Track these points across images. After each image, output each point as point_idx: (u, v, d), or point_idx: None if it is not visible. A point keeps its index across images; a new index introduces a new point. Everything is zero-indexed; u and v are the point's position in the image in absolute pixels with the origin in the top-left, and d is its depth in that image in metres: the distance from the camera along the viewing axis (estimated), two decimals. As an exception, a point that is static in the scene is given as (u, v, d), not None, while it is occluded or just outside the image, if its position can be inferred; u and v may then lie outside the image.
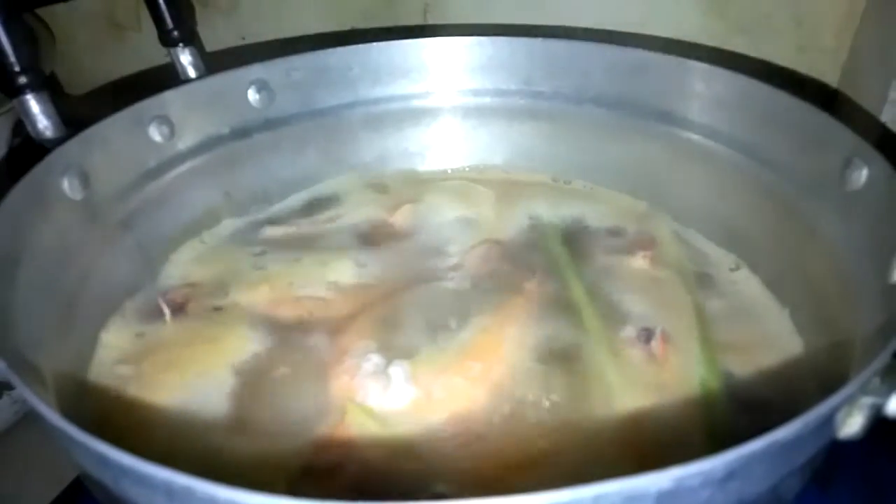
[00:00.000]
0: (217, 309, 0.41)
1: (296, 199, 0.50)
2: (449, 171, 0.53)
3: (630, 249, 0.44)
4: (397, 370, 0.35)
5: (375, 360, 0.35)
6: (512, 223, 0.47)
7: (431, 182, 0.51)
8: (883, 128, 0.46)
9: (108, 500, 0.25)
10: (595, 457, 0.32)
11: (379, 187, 0.51)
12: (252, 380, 0.36)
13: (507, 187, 0.50)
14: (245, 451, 0.32)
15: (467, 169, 0.53)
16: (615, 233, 0.46)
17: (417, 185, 0.51)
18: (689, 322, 0.38)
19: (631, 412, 0.33)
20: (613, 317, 0.39)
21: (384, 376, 0.35)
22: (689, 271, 0.43)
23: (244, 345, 0.38)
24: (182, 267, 0.44)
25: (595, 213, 0.47)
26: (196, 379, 0.36)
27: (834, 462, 0.28)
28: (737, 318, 0.40)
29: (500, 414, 0.33)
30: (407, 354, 0.36)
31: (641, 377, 0.35)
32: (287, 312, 0.40)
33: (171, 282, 0.43)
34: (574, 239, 0.45)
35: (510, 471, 0.31)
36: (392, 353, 0.36)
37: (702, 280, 0.42)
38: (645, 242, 0.44)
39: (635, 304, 0.39)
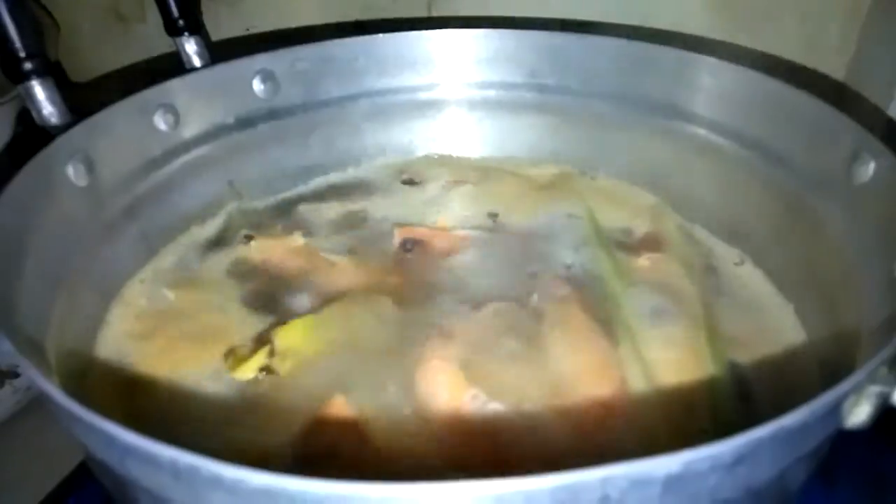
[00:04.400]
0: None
1: (297, 191, 0.50)
2: (454, 161, 0.53)
3: (637, 249, 0.44)
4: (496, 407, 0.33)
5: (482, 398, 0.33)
6: (530, 217, 0.46)
7: (438, 176, 0.51)
8: (889, 121, 0.46)
9: (113, 482, 0.25)
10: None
11: (382, 181, 0.51)
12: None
13: (516, 180, 0.50)
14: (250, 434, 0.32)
15: (473, 161, 0.53)
16: (624, 230, 0.46)
17: (422, 177, 0.51)
18: (696, 315, 0.38)
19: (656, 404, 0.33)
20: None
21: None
22: (696, 266, 0.42)
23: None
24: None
25: (606, 209, 0.47)
26: (201, 359, 0.36)
27: (839, 457, 0.28)
28: (741, 312, 0.40)
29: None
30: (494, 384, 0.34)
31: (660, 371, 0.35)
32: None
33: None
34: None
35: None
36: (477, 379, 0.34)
37: (707, 274, 0.42)
38: (650, 243, 0.44)
39: (645, 300, 0.39)
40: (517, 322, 0.38)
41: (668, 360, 0.36)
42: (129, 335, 0.38)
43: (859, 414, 0.24)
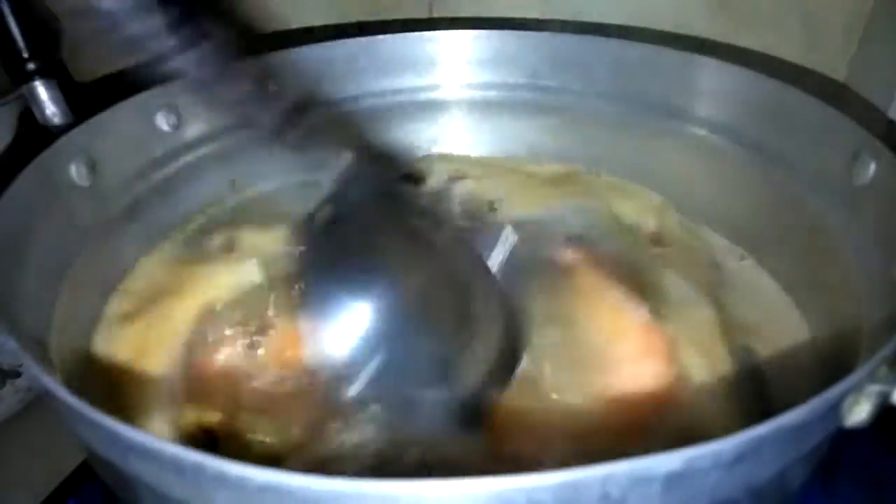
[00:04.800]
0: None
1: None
2: (456, 160, 0.52)
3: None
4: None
5: None
6: (536, 206, 0.46)
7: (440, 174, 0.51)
8: (890, 122, 0.46)
9: (116, 480, 0.25)
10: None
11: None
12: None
13: (521, 175, 0.50)
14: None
15: (474, 160, 0.52)
16: (632, 225, 0.46)
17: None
18: (708, 309, 0.38)
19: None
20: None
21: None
22: (702, 262, 0.43)
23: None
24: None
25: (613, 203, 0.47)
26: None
27: (839, 456, 0.28)
28: (744, 310, 0.40)
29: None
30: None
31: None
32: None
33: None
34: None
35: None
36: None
37: (711, 272, 0.42)
38: (657, 239, 0.45)
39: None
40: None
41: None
42: (128, 330, 0.38)
43: (859, 413, 0.24)
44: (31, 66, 0.39)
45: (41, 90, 0.39)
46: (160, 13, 0.24)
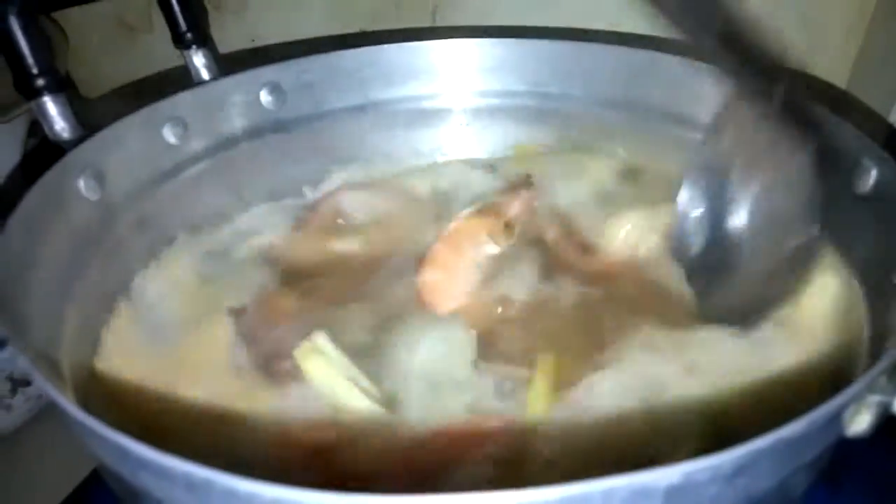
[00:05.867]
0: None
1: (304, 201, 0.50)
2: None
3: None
4: None
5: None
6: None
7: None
8: (892, 128, 0.46)
9: (126, 493, 0.25)
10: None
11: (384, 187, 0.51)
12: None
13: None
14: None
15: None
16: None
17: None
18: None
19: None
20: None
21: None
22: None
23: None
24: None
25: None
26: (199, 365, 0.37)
27: (844, 461, 0.28)
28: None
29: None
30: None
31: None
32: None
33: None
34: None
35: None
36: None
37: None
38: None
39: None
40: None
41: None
42: (137, 341, 0.38)
43: (860, 423, 0.24)
44: (39, 81, 0.39)
45: (50, 106, 0.39)
46: None
